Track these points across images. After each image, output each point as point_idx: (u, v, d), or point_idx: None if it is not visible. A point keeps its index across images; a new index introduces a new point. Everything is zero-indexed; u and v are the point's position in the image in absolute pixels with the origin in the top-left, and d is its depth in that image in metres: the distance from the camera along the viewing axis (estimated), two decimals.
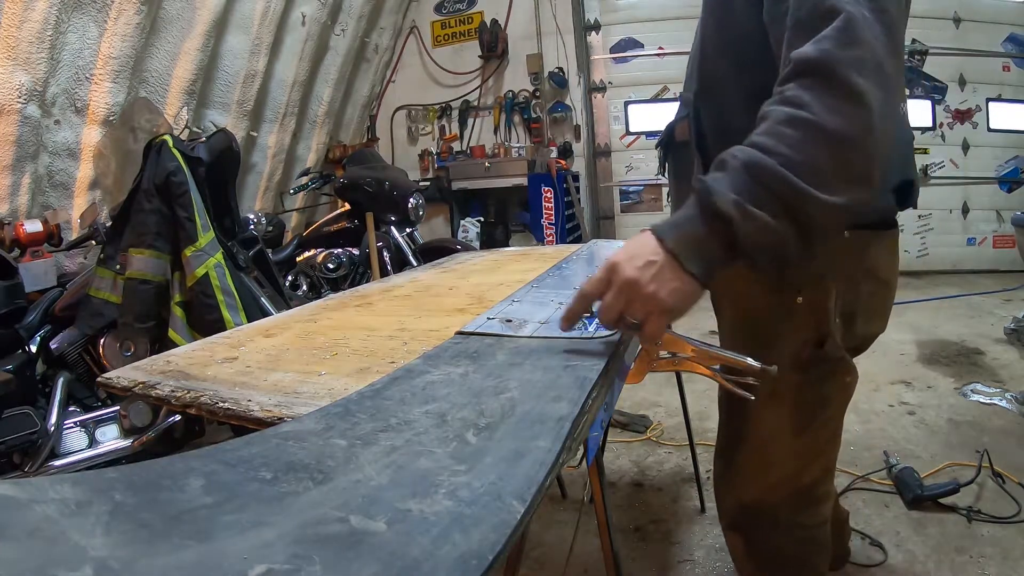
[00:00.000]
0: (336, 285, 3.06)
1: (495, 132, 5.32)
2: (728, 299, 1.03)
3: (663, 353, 0.85)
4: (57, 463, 1.86)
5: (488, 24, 5.14)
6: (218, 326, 1.79)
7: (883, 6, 0.67)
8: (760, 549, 1.06)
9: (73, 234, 2.61)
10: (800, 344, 0.90)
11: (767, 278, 0.89)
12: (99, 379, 0.82)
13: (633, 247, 0.68)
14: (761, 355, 0.86)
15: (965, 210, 5.17)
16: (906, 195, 0.91)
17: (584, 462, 0.73)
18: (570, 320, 0.75)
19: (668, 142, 1.10)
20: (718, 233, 0.65)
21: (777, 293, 0.90)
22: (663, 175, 1.17)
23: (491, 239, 5.00)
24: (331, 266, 3.13)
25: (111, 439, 1.95)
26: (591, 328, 0.80)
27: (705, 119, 0.97)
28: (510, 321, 0.85)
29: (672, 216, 0.70)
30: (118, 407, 1.96)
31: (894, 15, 0.68)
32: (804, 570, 1.06)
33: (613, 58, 5.37)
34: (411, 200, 3.15)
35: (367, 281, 2.86)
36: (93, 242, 2.30)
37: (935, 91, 5.01)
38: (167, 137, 1.94)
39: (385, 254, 3.06)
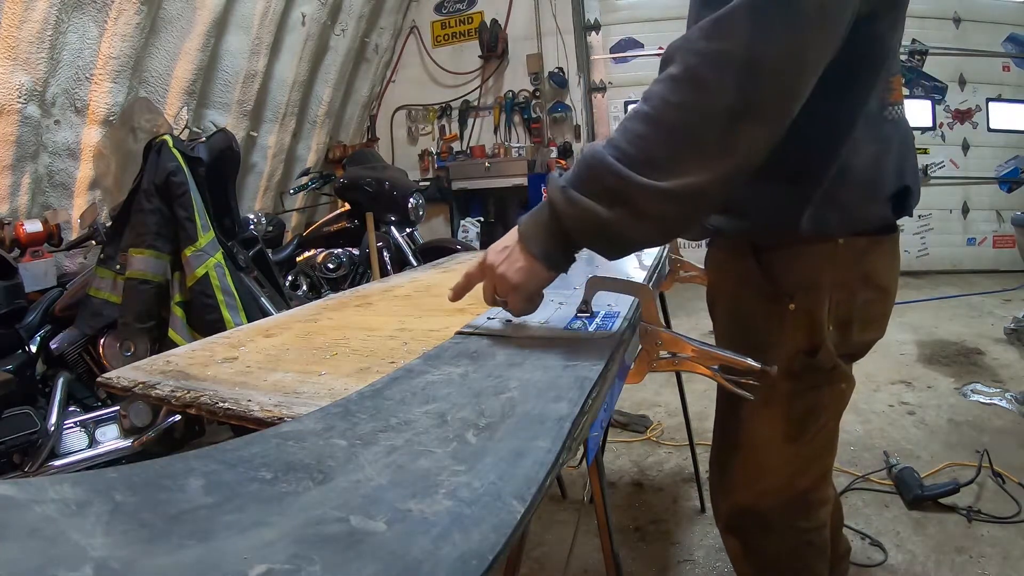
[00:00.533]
0: (336, 285, 3.06)
1: (495, 132, 5.32)
2: (722, 306, 1.04)
3: (663, 353, 0.85)
4: (57, 463, 1.86)
5: (488, 24, 5.14)
6: (218, 326, 1.79)
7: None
8: (757, 553, 1.05)
9: (73, 234, 2.61)
10: (792, 353, 0.90)
11: (760, 285, 0.90)
12: (99, 379, 0.82)
13: (503, 237, 0.77)
14: (752, 356, 0.85)
15: (965, 210, 5.17)
16: (902, 202, 0.88)
17: (584, 462, 0.73)
18: (457, 294, 0.84)
19: None
20: (550, 222, 0.71)
21: (770, 300, 0.90)
22: None
23: (491, 239, 4.98)
24: (331, 266, 3.13)
25: (111, 439, 1.95)
26: (591, 328, 0.80)
27: None
28: (510, 321, 0.85)
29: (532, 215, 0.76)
30: (118, 407, 1.96)
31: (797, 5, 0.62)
32: (804, 571, 1.05)
33: (613, 58, 5.37)
34: (411, 200, 3.15)
35: (367, 281, 2.86)
36: (93, 242, 2.30)
37: (935, 91, 5.01)
38: (167, 137, 1.94)
39: (385, 254, 3.06)
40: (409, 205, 3.14)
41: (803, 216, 0.83)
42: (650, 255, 1.37)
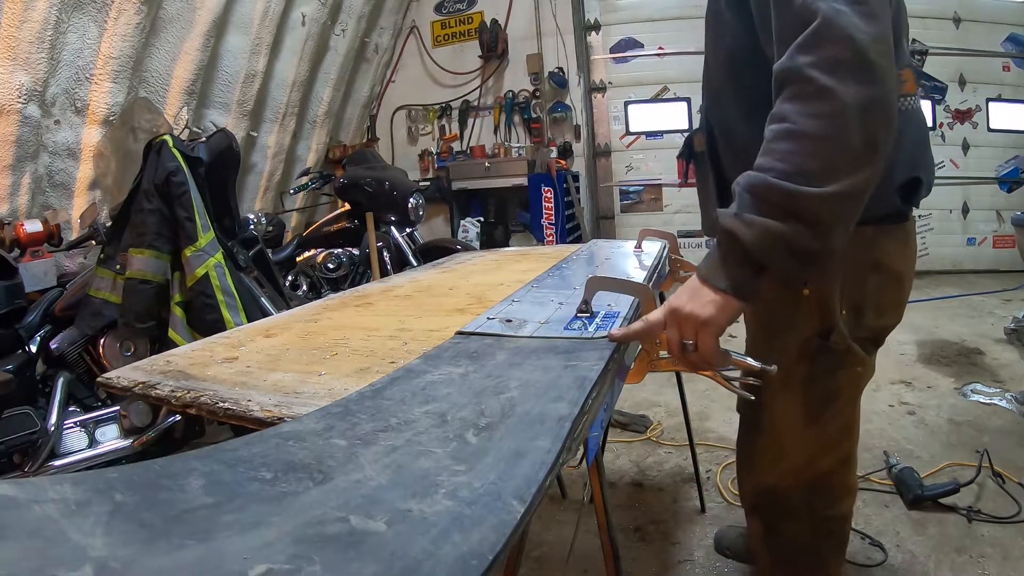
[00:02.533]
0: (336, 285, 3.06)
1: (495, 132, 5.31)
2: None
3: (663, 353, 0.85)
4: (57, 463, 1.86)
5: (488, 24, 5.14)
6: (218, 326, 1.79)
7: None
8: (777, 536, 1.10)
9: (73, 234, 2.61)
10: (808, 335, 0.94)
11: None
12: (99, 379, 0.82)
13: (682, 289, 0.79)
14: (774, 345, 0.97)
15: (965, 210, 5.17)
16: (911, 192, 0.92)
17: (584, 462, 0.73)
18: (626, 336, 0.78)
19: (689, 153, 1.17)
20: (732, 249, 0.73)
21: (786, 287, 0.93)
22: (684, 182, 1.26)
23: (491, 239, 5.00)
24: (331, 266, 3.13)
25: (111, 439, 1.95)
26: (591, 328, 0.80)
27: (715, 131, 1.04)
28: (510, 321, 0.85)
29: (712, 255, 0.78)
30: (118, 407, 1.96)
31: (873, 3, 0.71)
32: (817, 564, 1.09)
33: (613, 58, 5.37)
34: (411, 200, 3.15)
35: (367, 281, 2.86)
36: (93, 242, 2.30)
37: (935, 91, 5.01)
38: (167, 137, 1.93)
39: (385, 254, 3.06)
40: (409, 205, 3.14)
41: None
42: (650, 255, 1.37)
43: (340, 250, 3.18)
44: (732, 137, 0.99)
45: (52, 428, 1.85)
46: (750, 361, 0.82)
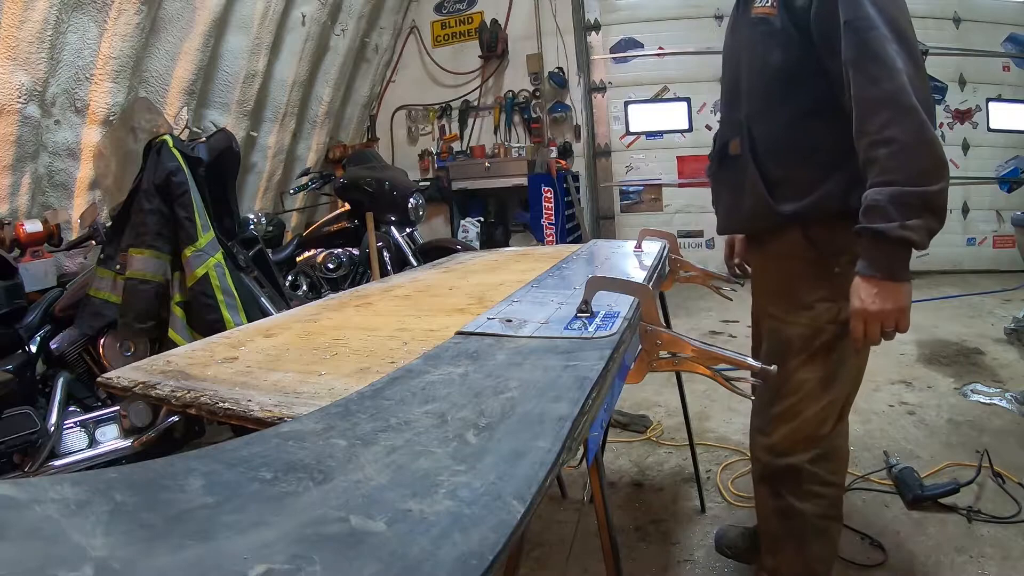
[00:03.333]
0: (336, 285, 3.06)
1: (495, 132, 5.32)
2: (771, 272, 1.24)
3: (663, 353, 0.85)
4: (57, 463, 1.86)
5: (488, 24, 5.14)
6: (218, 326, 1.79)
7: (904, 34, 0.96)
8: (784, 504, 1.21)
9: (73, 234, 2.61)
10: (839, 306, 1.10)
11: (808, 256, 1.14)
12: (99, 379, 0.82)
13: (859, 294, 1.01)
14: (802, 317, 1.15)
15: (965, 210, 5.17)
16: None
17: (584, 462, 0.73)
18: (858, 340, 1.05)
19: (721, 155, 1.29)
20: (903, 250, 0.97)
21: (819, 266, 1.13)
22: (709, 179, 1.39)
23: (491, 239, 5.00)
24: (331, 266, 3.13)
25: (111, 439, 1.95)
26: (591, 328, 0.80)
27: (757, 136, 1.18)
28: (510, 321, 0.85)
29: (863, 262, 1.01)
30: (118, 407, 1.96)
31: (911, 37, 0.98)
32: (823, 536, 1.21)
33: (613, 58, 5.37)
34: (411, 200, 3.15)
35: (367, 281, 2.86)
36: (93, 242, 2.30)
37: (935, 91, 5.00)
38: (167, 137, 1.93)
39: (385, 254, 3.06)
40: (409, 205, 3.14)
41: (851, 195, 1.05)
42: (650, 255, 1.37)
43: (340, 250, 3.17)
44: (779, 142, 1.16)
45: (52, 428, 1.85)
46: (750, 361, 0.83)
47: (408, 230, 3.26)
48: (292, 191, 4.09)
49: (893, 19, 0.96)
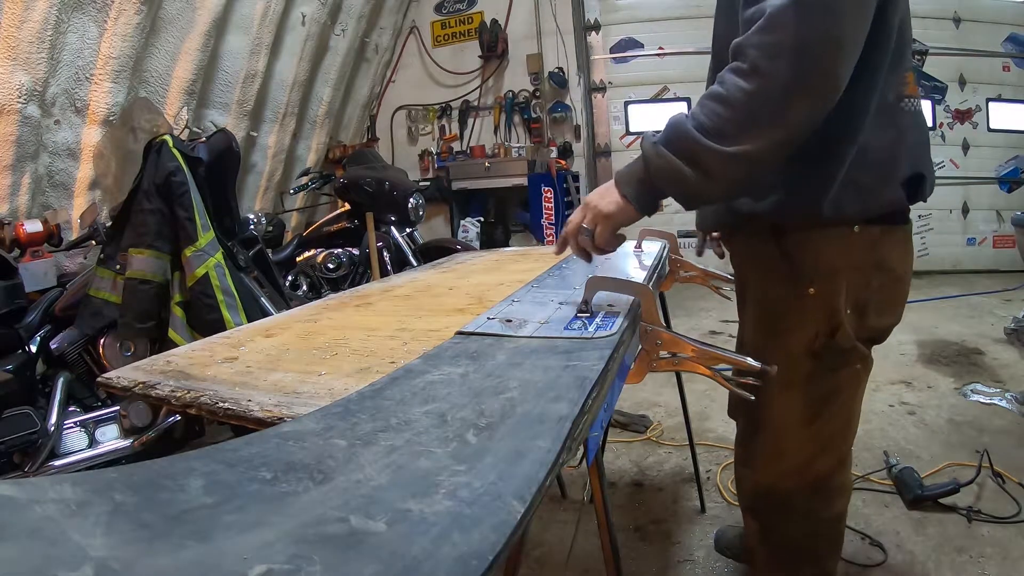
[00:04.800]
0: (336, 285, 3.06)
1: (495, 132, 5.31)
2: (750, 294, 1.10)
3: (663, 353, 0.85)
4: (57, 463, 1.86)
5: (488, 24, 5.14)
6: (218, 326, 1.79)
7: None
8: (774, 535, 1.10)
9: (73, 234, 2.61)
10: (813, 334, 0.97)
11: (782, 272, 0.98)
12: (99, 379, 0.82)
13: (602, 186, 0.93)
14: (777, 344, 0.99)
15: (965, 210, 5.17)
16: (916, 189, 0.95)
17: (584, 462, 0.73)
18: (562, 243, 0.97)
19: None
20: (644, 168, 0.87)
21: (791, 285, 0.97)
22: None
23: (491, 239, 5.00)
24: (331, 266, 3.13)
25: (111, 439, 1.95)
26: (591, 328, 0.80)
27: None
28: (510, 321, 0.85)
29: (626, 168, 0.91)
30: (118, 407, 1.96)
31: (836, 5, 0.76)
32: (814, 564, 1.10)
33: (613, 58, 5.37)
34: (411, 200, 3.15)
35: (367, 281, 2.86)
36: (93, 242, 2.30)
37: (935, 91, 5.01)
38: (167, 137, 1.93)
39: (385, 254, 3.06)
40: (409, 205, 3.14)
41: (825, 199, 0.91)
42: (650, 255, 1.37)
43: (340, 250, 3.17)
44: None
45: (52, 428, 1.85)
46: (750, 361, 0.82)
47: (408, 230, 3.26)
48: (292, 191, 4.09)
49: None
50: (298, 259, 3.22)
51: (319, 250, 3.21)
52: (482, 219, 5.06)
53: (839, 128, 0.89)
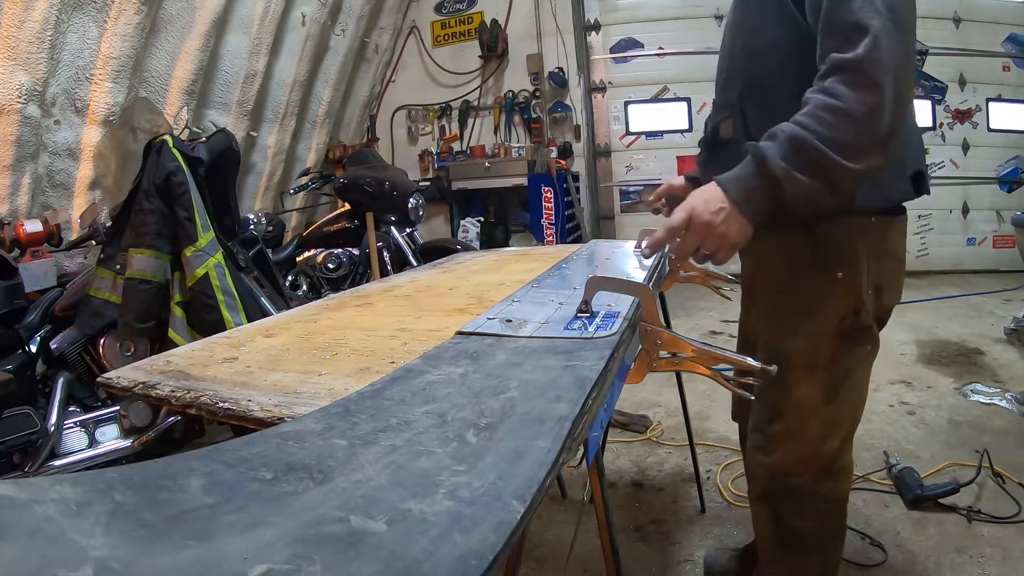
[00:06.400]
0: (336, 285, 3.06)
1: (495, 132, 5.32)
2: (765, 284, 1.16)
3: (663, 353, 0.85)
4: (57, 463, 1.86)
5: (488, 24, 5.14)
6: (218, 326, 1.79)
7: (901, 21, 0.85)
8: (783, 524, 1.14)
9: (73, 234, 2.61)
10: (840, 314, 1.04)
11: (809, 259, 1.04)
12: (99, 379, 0.82)
13: (705, 195, 0.90)
14: (804, 327, 1.06)
15: (965, 210, 5.17)
16: (920, 183, 1.05)
17: (584, 462, 0.73)
18: (654, 248, 0.94)
19: (712, 140, 1.20)
20: (769, 189, 0.86)
21: (820, 271, 1.04)
22: (698, 168, 1.32)
23: (491, 239, 5.00)
24: (331, 266, 3.13)
25: (111, 439, 1.95)
26: (591, 328, 0.80)
27: (750, 117, 1.10)
28: (510, 321, 0.85)
29: (732, 172, 0.89)
30: (118, 407, 1.96)
31: (909, 28, 0.87)
32: (822, 552, 1.14)
33: (613, 58, 5.37)
34: (411, 200, 3.15)
35: (367, 281, 2.86)
36: (93, 242, 2.30)
37: (935, 91, 5.01)
38: (167, 137, 1.93)
39: (385, 254, 3.06)
40: (409, 205, 3.14)
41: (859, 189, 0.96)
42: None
43: (340, 250, 3.17)
44: (775, 121, 0.99)
45: (52, 428, 1.85)
46: (750, 361, 0.83)
47: (408, 230, 3.26)
48: (292, 191, 4.09)
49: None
50: (298, 259, 3.22)
51: (319, 250, 3.21)
52: (482, 219, 5.06)
53: None
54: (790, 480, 1.11)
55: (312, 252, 3.21)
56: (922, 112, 5.01)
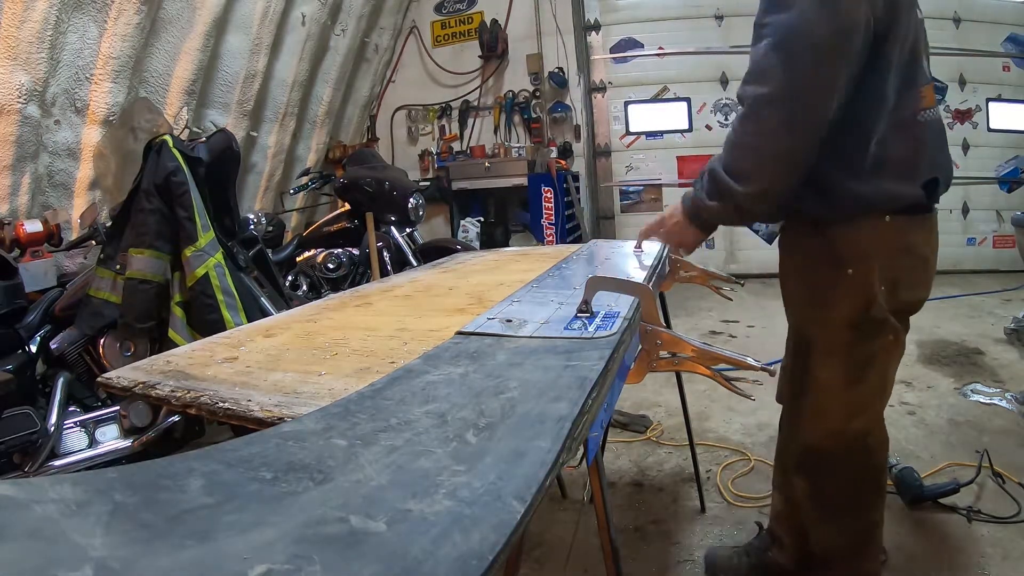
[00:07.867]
0: (336, 285, 3.06)
1: (495, 132, 5.31)
2: (795, 278, 1.29)
3: (663, 353, 0.85)
4: (57, 463, 1.86)
5: (488, 24, 5.14)
6: (218, 326, 1.79)
7: (795, 52, 0.97)
8: (821, 492, 1.25)
9: (73, 234, 2.61)
10: (852, 308, 1.14)
11: (825, 257, 1.16)
12: (99, 379, 0.82)
13: (672, 206, 1.22)
14: (822, 316, 1.19)
15: (965, 210, 5.17)
16: (932, 190, 1.12)
17: (584, 462, 0.73)
18: (640, 237, 1.35)
19: None
20: (697, 209, 1.16)
21: (833, 269, 1.14)
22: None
23: (491, 239, 5.00)
24: (331, 266, 3.13)
25: (111, 439, 1.95)
26: (591, 328, 0.80)
27: None
28: (510, 321, 0.85)
29: (689, 192, 1.17)
30: (118, 407, 1.96)
31: (812, 60, 0.97)
32: (857, 514, 1.23)
33: (613, 58, 5.37)
34: (411, 200, 3.15)
35: (367, 281, 2.86)
36: (93, 242, 2.30)
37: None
38: (167, 137, 1.93)
39: (385, 254, 3.06)
40: (409, 205, 3.14)
41: (855, 200, 1.10)
42: (650, 255, 1.37)
43: (340, 250, 3.17)
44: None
45: (52, 428, 1.85)
46: (750, 361, 0.83)
47: (408, 230, 3.26)
48: (292, 191, 4.09)
49: (790, 27, 0.96)
50: (298, 259, 3.22)
51: (319, 250, 3.20)
52: (482, 219, 5.06)
53: (856, 143, 1.07)
54: (821, 450, 1.22)
55: (312, 252, 3.21)
56: None
